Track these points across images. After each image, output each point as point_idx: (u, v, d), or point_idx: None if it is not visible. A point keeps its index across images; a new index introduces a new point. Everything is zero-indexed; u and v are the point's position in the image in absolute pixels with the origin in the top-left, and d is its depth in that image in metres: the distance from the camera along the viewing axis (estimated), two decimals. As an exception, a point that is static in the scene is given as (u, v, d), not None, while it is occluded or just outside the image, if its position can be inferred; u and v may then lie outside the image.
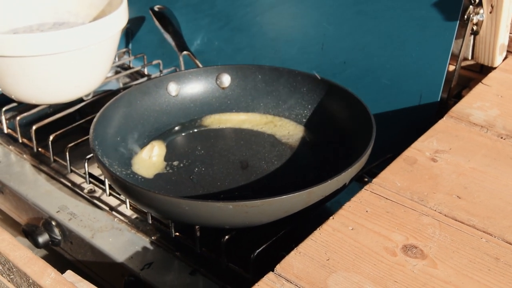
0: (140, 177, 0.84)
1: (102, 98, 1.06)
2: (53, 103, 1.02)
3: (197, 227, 0.75)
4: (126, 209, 0.87)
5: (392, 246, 0.61)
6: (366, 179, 0.88)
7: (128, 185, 0.71)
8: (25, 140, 1.00)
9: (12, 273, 0.66)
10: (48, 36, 0.89)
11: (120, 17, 0.97)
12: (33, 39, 0.89)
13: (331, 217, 0.65)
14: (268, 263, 0.67)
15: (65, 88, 0.97)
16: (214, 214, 0.67)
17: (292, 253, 0.60)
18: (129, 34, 1.27)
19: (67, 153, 0.91)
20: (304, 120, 0.94)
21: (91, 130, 0.80)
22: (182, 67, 1.04)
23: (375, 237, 0.62)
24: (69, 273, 0.64)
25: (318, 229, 0.63)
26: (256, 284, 0.57)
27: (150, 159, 0.87)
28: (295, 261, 0.59)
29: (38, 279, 0.62)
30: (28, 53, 0.89)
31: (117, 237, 0.83)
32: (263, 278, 0.58)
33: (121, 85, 1.21)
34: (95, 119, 0.83)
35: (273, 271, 0.59)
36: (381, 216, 0.65)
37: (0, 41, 0.88)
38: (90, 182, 0.90)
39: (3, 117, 1.01)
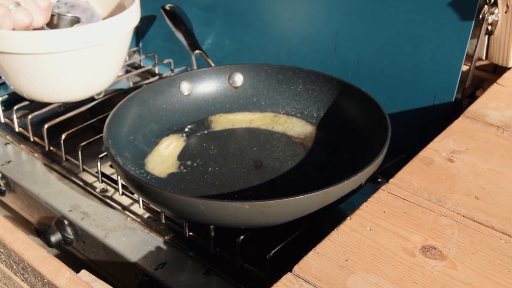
0: (153, 176, 0.84)
1: (113, 97, 1.06)
2: (65, 102, 1.01)
3: (211, 227, 0.75)
4: (139, 209, 0.86)
5: (411, 247, 0.60)
6: (379, 179, 0.87)
7: (143, 185, 0.71)
8: (36, 139, 1.00)
9: (26, 273, 0.65)
10: (61, 34, 0.89)
11: (133, 15, 0.96)
12: (46, 36, 0.88)
13: (348, 218, 0.64)
14: (283, 263, 0.67)
15: (77, 86, 0.97)
16: (230, 214, 0.67)
17: (310, 253, 0.60)
18: (140, 33, 1.27)
19: (80, 152, 0.90)
20: (317, 119, 0.93)
21: (104, 129, 0.80)
22: (195, 66, 1.04)
23: (393, 238, 0.61)
24: (84, 273, 0.64)
25: (335, 229, 0.63)
26: (274, 284, 0.57)
27: (165, 155, 0.87)
28: (313, 262, 0.59)
29: (53, 279, 0.61)
30: (40, 50, 0.89)
31: (130, 237, 0.82)
32: (281, 278, 0.57)
33: (131, 84, 1.21)
34: (108, 118, 0.82)
35: (291, 271, 0.58)
36: (399, 216, 0.64)
37: (13, 38, 0.87)
38: (103, 181, 0.89)
39: (14, 116, 1.01)
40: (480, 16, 0.90)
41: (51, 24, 0.96)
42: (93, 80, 0.98)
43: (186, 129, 0.93)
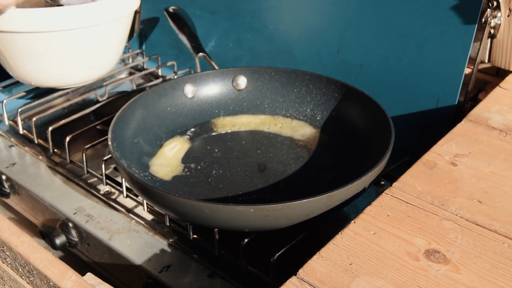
0: (157, 179, 0.84)
1: (116, 99, 1.07)
2: (68, 86, 1.00)
3: (216, 229, 0.75)
4: (143, 211, 0.87)
5: (415, 250, 0.61)
6: (382, 182, 0.88)
7: (147, 188, 0.71)
8: (41, 141, 1.00)
9: (32, 275, 0.66)
10: (62, 11, 0.88)
11: None
12: (47, 13, 0.87)
13: (352, 221, 0.64)
14: (287, 267, 0.67)
15: (78, 69, 0.96)
16: (234, 218, 0.67)
17: (315, 257, 0.60)
18: (143, 35, 1.27)
19: (84, 154, 0.91)
20: (321, 122, 0.94)
21: (109, 132, 0.80)
22: (198, 69, 1.04)
23: (397, 242, 0.62)
24: (89, 276, 0.64)
25: (339, 233, 0.63)
26: (279, 288, 0.57)
27: (169, 158, 0.87)
28: (318, 266, 0.59)
29: (59, 282, 0.62)
30: (41, 28, 0.89)
31: (135, 239, 0.83)
32: (286, 282, 0.58)
33: (135, 87, 1.21)
34: (113, 121, 0.83)
35: (295, 275, 0.58)
36: (403, 220, 0.65)
37: (11, 16, 0.87)
38: (107, 184, 0.90)
39: (18, 118, 1.01)
40: (483, 19, 0.90)
41: None
42: (94, 63, 0.97)
43: (190, 132, 0.94)
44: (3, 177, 0.97)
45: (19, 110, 1.01)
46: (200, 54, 1.04)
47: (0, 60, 0.96)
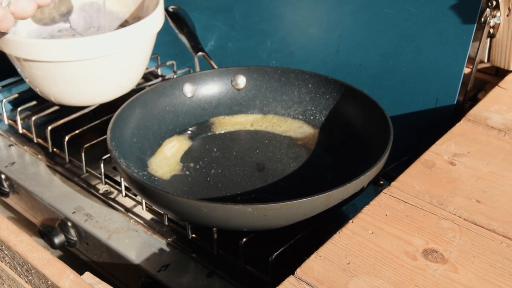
0: (156, 178, 0.84)
1: (115, 98, 1.06)
2: (98, 104, 1.01)
3: (214, 229, 0.75)
4: (142, 211, 0.87)
5: (413, 250, 0.61)
6: (381, 182, 0.88)
7: (146, 187, 0.71)
8: (40, 141, 1.00)
9: (30, 275, 0.66)
10: (89, 41, 0.88)
11: (159, 17, 0.98)
12: (76, 44, 0.88)
13: (350, 221, 0.64)
14: (286, 266, 0.67)
15: (109, 89, 0.97)
16: (233, 217, 0.67)
17: (313, 256, 0.60)
18: (143, 34, 1.27)
19: (83, 154, 0.91)
20: (319, 122, 0.94)
21: (108, 132, 0.80)
22: (197, 68, 1.04)
23: (395, 241, 0.62)
24: (87, 275, 0.64)
25: (338, 232, 0.63)
26: (276, 287, 0.57)
27: (168, 157, 0.87)
28: (316, 265, 0.59)
29: (57, 281, 0.62)
30: (70, 58, 0.89)
31: (133, 239, 0.83)
32: (284, 281, 0.58)
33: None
34: (112, 121, 0.83)
35: (293, 274, 0.58)
36: (401, 220, 0.65)
37: (42, 47, 0.88)
38: (106, 183, 0.90)
39: (18, 117, 1.01)
40: (482, 19, 0.90)
41: None
42: (124, 82, 0.98)
43: (189, 131, 0.94)
44: (2, 176, 0.97)
45: (19, 109, 1.01)
46: (200, 53, 1.04)
47: (29, 81, 0.97)
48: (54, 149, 0.98)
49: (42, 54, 0.88)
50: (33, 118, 0.99)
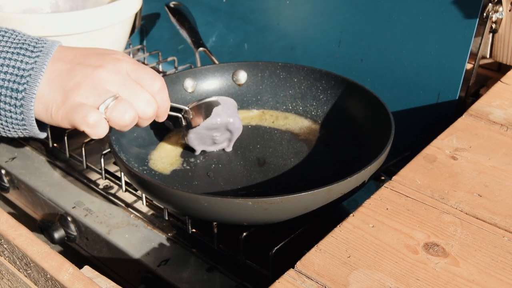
0: (156, 173, 0.84)
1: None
2: None
3: (214, 223, 0.75)
4: (142, 206, 0.86)
5: (414, 244, 0.60)
6: (383, 177, 0.87)
7: (146, 181, 0.71)
8: (40, 136, 1.00)
9: (29, 268, 0.66)
10: (65, 16, 0.88)
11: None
12: (52, 19, 0.87)
13: (351, 214, 0.64)
14: (286, 260, 0.67)
15: None
16: (233, 211, 0.67)
17: (313, 250, 0.60)
18: (144, 31, 1.27)
19: (83, 149, 0.90)
20: (321, 117, 0.93)
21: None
22: (198, 64, 1.04)
23: (396, 235, 0.61)
24: (87, 269, 0.64)
25: (338, 226, 0.63)
26: (277, 281, 0.57)
27: (168, 152, 0.87)
28: (316, 258, 0.59)
29: (56, 274, 0.62)
30: (45, 33, 0.88)
31: (134, 234, 0.82)
32: (284, 275, 0.57)
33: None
34: (112, 115, 0.82)
35: (293, 268, 0.58)
36: (402, 213, 0.64)
37: (16, 21, 0.87)
38: (106, 178, 0.90)
39: (18, 113, 1.01)
40: (484, 14, 0.90)
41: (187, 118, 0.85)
42: None
43: (190, 126, 0.93)
44: (3, 171, 0.97)
45: (19, 104, 1.01)
46: (201, 49, 1.04)
47: None
48: (55, 144, 0.98)
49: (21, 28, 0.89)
50: (34, 113, 0.99)
